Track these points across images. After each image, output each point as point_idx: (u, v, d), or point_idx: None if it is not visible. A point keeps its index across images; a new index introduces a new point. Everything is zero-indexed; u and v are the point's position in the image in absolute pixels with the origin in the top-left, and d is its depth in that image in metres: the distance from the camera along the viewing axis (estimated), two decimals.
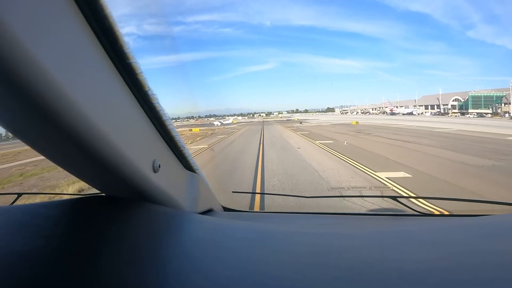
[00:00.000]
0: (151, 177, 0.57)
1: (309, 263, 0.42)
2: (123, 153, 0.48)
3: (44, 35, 0.33)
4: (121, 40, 0.45)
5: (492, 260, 0.42)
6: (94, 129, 0.41)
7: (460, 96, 61.03)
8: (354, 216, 1.12)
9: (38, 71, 0.32)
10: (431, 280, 0.36)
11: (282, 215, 1.19)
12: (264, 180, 6.29)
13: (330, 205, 1.51)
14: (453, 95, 63.53)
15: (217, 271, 0.40)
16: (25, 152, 14.30)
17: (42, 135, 0.43)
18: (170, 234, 0.53)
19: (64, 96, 0.36)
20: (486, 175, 5.86)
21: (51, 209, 0.60)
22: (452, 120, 34.48)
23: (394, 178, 5.78)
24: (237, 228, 0.62)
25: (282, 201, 3.72)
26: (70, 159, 0.51)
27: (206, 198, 0.92)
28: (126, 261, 0.41)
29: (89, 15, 0.41)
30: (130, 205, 0.59)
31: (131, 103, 0.53)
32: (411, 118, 46.18)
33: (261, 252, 0.47)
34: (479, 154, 8.30)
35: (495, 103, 52.35)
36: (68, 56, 0.37)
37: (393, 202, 1.12)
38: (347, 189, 5.26)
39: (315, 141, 14.39)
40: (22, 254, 0.42)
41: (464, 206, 1.61)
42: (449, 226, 0.68)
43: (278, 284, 0.37)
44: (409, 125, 25.79)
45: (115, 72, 0.48)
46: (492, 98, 54.46)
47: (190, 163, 0.81)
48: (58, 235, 0.49)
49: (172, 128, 0.66)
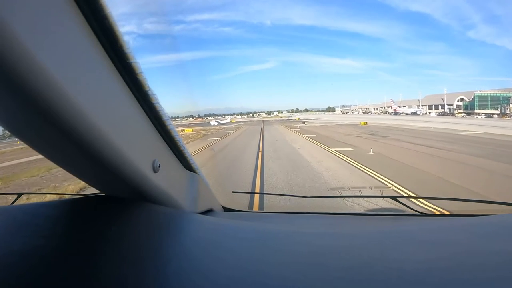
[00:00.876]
0: (151, 177, 0.57)
1: (309, 263, 0.42)
2: (123, 153, 0.48)
3: (44, 35, 0.33)
4: (121, 40, 0.45)
5: (492, 260, 0.42)
6: (94, 129, 0.41)
7: (465, 96, 59.38)
8: (354, 216, 1.12)
9: (38, 70, 0.32)
10: (431, 280, 0.36)
11: (282, 215, 1.19)
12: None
13: (330, 205, 1.49)
14: (458, 95, 61.92)
15: (217, 271, 0.40)
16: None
17: (42, 135, 0.43)
18: (170, 234, 0.53)
19: (64, 96, 0.36)
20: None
21: (51, 209, 0.60)
22: (463, 121, 32.43)
23: None
24: (237, 228, 0.62)
25: (282, 201, 3.66)
26: (70, 159, 0.51)
27: (206, 198, 0.92)
28: (126, 261, 0.41)
29: (89, 15, 0.40)
30: (130, 205, 0.59)
31: (131, 103, 0.52)
32: (418, 118, 44.13)
33: (261, 252, 0.47)
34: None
35: (502, 103, 50.76)
36: (68, 56, 0.37)
37: (393, 202, 1.12)
38: (347, 189, 4.99)
39: (329, 148, 11.29)
40: (22, 254, 0.42)
41: (465, 206, 1.48)
42: (450, 226, 0.68)
43: (278, 284, 0.37)
44: (424, 126, 23.31)
45: (115, 72, 0.47)
46: (498, 98, 53.01)
47: (190, 163, 0.81)
48: (58, 235, 0.48)
49: (172, 128, 0.65)
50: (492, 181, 5.66)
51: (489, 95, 53.69)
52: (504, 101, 50.80)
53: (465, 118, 43.12)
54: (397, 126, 24.49)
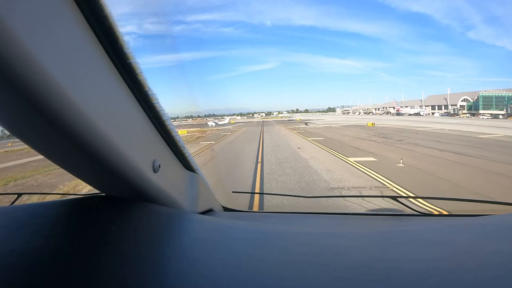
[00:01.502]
0: (151, 177, 0.57)
1: (309, 263, 0.42)
2: (123, 153, 0.48)
3: (43, 34, 0.33)
4: (121, 40, 0.45)
5: (492, 260, 0.42)
6: (94, 129, 0.41)
7: (469, 96, 58.17)
8: (354, 216, 1.11)
9: (37, 70, 0.32)
10: (431, 280, 0.36)
11: (282, 215, 1.18)
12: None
13: (330, 205, 1.50)
14: (462, 95, 60.83)
15: (217, 271, 0.40)
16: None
17: (41, 135, 0.43)
18: (170, 234, 0.53)
19: (63, 96, 0.35)
20: None
21: (51, 209, 0.60)
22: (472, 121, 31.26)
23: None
24: (237, 228, 0.62)
25: (282, 201, 3.61)
26: (70, 159, 0.51)
27: (206, 198, 0.91)
28: (126, 261, 0.41)
29: (89, 15, 0.40)
30: (130, 205, 0.59)
31: (131, 103, 0.52)
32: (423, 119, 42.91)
33: (261, 252, 0.48)
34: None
35: (508, 103, 49.67)
36: (68, 56, 0.37)
37: (393, 202, 1.11)
38: (347, 189, 4.99)
39: (345, 156, 9.21)
40: (22, 254, 0.42)
41: (464, 206, 1.44)
42: (450, 226, 0.68)
43: (278, 284, 0.37)
44: (437, 128, 21.73)
45: (115, 72, 0.47)
46: (503, 99, 52.00)
47: (190, 163, 0.80)
48: (58, 235, 0.48)
49: (172, 128, 0.65)
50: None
51: (494, 95, 52.67)
52: (509, 101, 49.73)
53: (472, 119, 42.08)
54: (407, 128, 22.88)
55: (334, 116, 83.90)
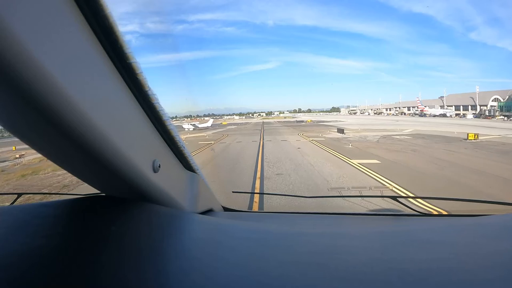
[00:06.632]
0: (151, 177, 0.57)
1: (309, 263, 0.42)
2: (123, 153, 0.48)
3: (43, 34, 0.33)
4: (121, 40, 0.45)
5: (491, 260, 0.42)
6: (94, 129, 0.41)
7: (500, 95, 49.47)
8: (354, 216, 1.10)
9: (37, 70, 0.32)
10: (431, 280, 0.36)
11: (282, 215, 1.18)
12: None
13: (330, 205, 1.48)
14: (492, 94, 52.00)
15: (217, 270, 0.40)
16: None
17: (42, 135, 0.43)
18: (170, 234, 0.53)
19: (64, 96, 0.35)
20: None
21: (51, 209, 0.59)
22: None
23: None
24: (237, 228, 0.62)
25: (282, 201, 3.58)
26: (70, 159, 0.51)
27: (206, 198, 0.91)
28: (126, 261, 0.41)
29: (89, 15, 0.40)
30: (130, 205, 0.59)
31: (131, 103, 0.52)
32: (471, 122, 33.67)
33: (261, 252, 0.47)
34: None
35: None
36: (68, 56, 0.37)
37: (392, 202, 1.12)
38: (347, 189, 5.03)
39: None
40: (22, 254, 0.42)
41: (463, 206, 1.50)
42: (449, 226, 0.68)
43: (278, 283, 0.37)
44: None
45: (115, 72, 0.47)
46: None
47: (190, 163, 0.80)
48: (58, 235, 0.48)
49: (172, 128, 0.65)
50: None
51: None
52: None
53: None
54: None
55: (346, 117, 71.57)
